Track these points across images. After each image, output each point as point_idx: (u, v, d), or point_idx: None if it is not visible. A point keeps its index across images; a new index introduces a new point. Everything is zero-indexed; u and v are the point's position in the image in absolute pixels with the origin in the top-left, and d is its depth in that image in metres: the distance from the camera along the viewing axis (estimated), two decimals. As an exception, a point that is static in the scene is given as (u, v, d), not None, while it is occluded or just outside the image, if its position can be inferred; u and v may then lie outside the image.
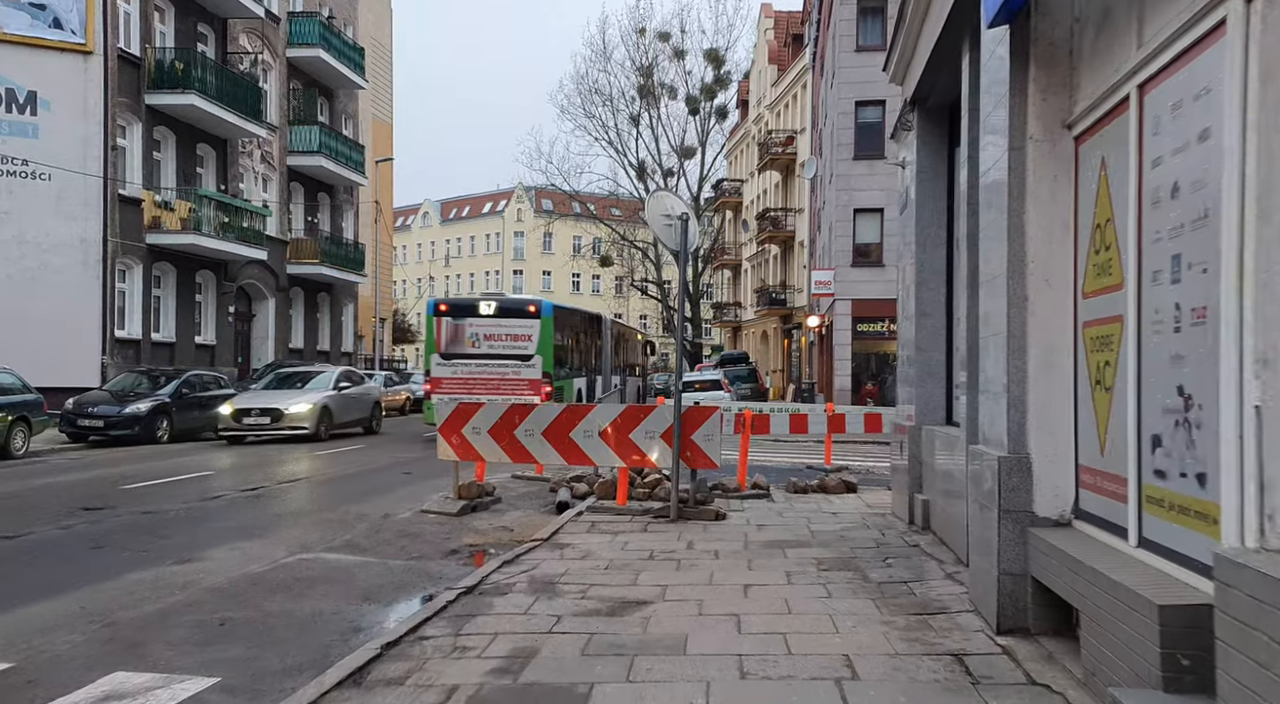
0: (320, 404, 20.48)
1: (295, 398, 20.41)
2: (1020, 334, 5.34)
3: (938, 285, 9.07)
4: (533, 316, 20.46)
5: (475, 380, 19.96)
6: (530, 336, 20.26)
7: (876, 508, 10.68)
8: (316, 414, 20.19)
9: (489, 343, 20.27)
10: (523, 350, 20.22)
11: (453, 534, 9.20)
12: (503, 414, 10.34)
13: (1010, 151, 5.34)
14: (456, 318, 20.42)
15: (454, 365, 20.13)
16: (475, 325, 20.31)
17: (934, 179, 9.09)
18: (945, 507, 7.99)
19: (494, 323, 20.38)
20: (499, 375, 20.10)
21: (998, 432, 5.56)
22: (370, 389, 23.93)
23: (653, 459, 10.00)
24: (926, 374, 9.10)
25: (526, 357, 20.20)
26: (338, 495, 11.62)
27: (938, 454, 8.37)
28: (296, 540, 8.63)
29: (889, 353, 30.09)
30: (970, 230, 6.93)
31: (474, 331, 20.28)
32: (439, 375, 20.12)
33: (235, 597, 6.58)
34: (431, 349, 20.49)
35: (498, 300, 21.11)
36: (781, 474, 14.37)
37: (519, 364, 20.17)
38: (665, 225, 9.76)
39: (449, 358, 20.18)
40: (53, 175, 23.53)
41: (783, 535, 8.76)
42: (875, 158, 28.95)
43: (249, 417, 19.81)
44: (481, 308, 20.63)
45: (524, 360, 20.19)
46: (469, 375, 20.07)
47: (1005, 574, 5.25)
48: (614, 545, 8.30)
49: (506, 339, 20.27)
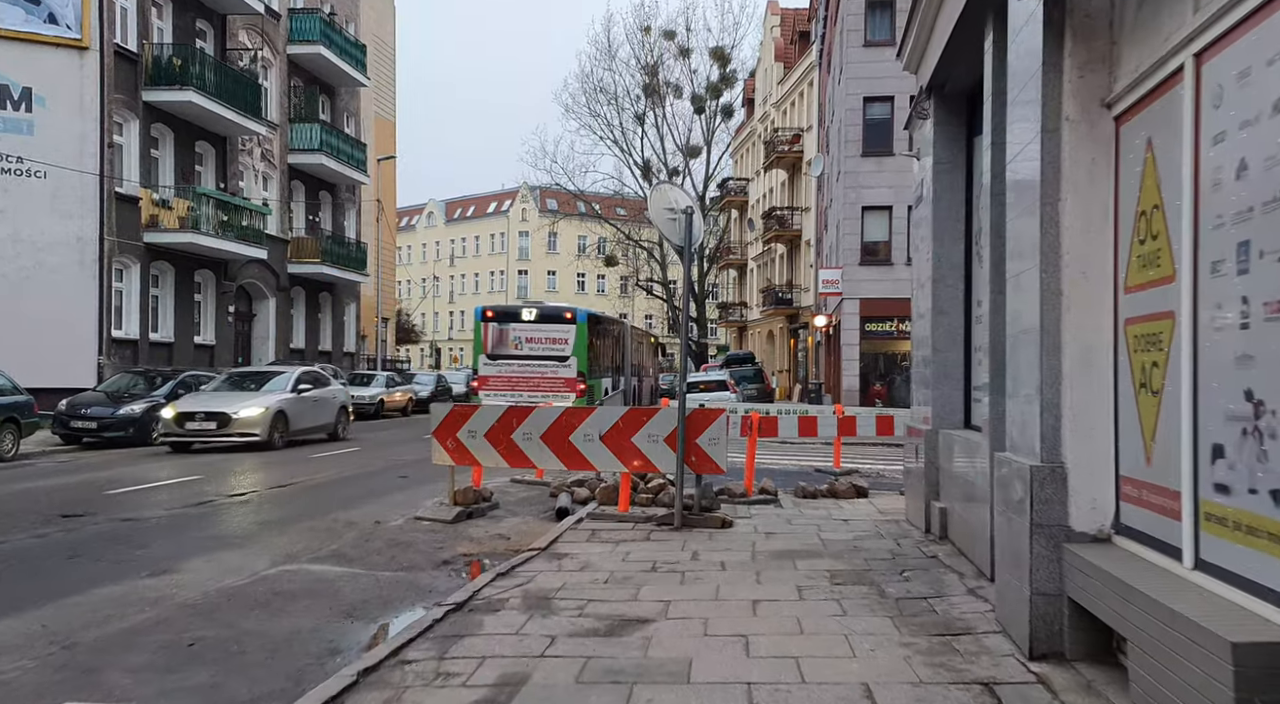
0: (274, 408, 18.54)
1: (246, 401, 18.55)
2: (1054, 332, 4.90)
3: (955, 282, 8.62)
4: (569, 322, 22.88)
5: (518, 378, 22.43)
6: (567, 340, 22.66)
7: (889, 514, 10.24)
8: (269, 419, 18.23)
9: (530, 345, 22.64)
10: (560, 352, 22.59)
11: (446, 543, 8.78)
12: (499, 417, 9.92)
13: (1043, 135, 4.90)
14: (501, 323, 22.82)
15: (499, 365, 22.52)
16: (518, 330, 22.71)
17: (952, 170, 8.65)
18: (965, 515, 7.55)
19: (534, 327, 22.71)
20: (539, 374, 22.44)
21: (1029, 438, 5.12)
22: (335, 391, 21.49)
23: (656, 464, 9.57)
24: (943, 375, 8.65)
25: (563, 358, 22.55)
26: (329, 501, 11.21)
27: (956, 460, 7.93)
28: (281, 550, 8.21)
29: (898, 353, 29.64)
30: (995, 222, 6.49)
31: (517, 335, 22.68)
32: (486, 374, 22.53)
33: (208, 613, 6.16)
34: (479, 351, 22.71)
35: (538, 307, 23.65)
36: (789, 478, 13.93)
37: (556, 364, 22.53)
38: (669, 219, 9.33)
39: (494, 358, 22.56)
40: (48, 173, 23.17)
41: (792, 545, 8.33)
42: (884, 155, 28.49)
43: (193, 421, 17.84)
44: (523, 314, 23.13)
45: (561, 361, 22.51)
46: (512, 374, 22.47)
47: (1038, 594, 4.81)
48: (615, 556, 7.87)
49: (545, 342, 22.64)
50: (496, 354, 22.57)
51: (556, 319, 23.01)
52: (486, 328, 22.81)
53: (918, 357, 9.82)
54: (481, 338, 22.79)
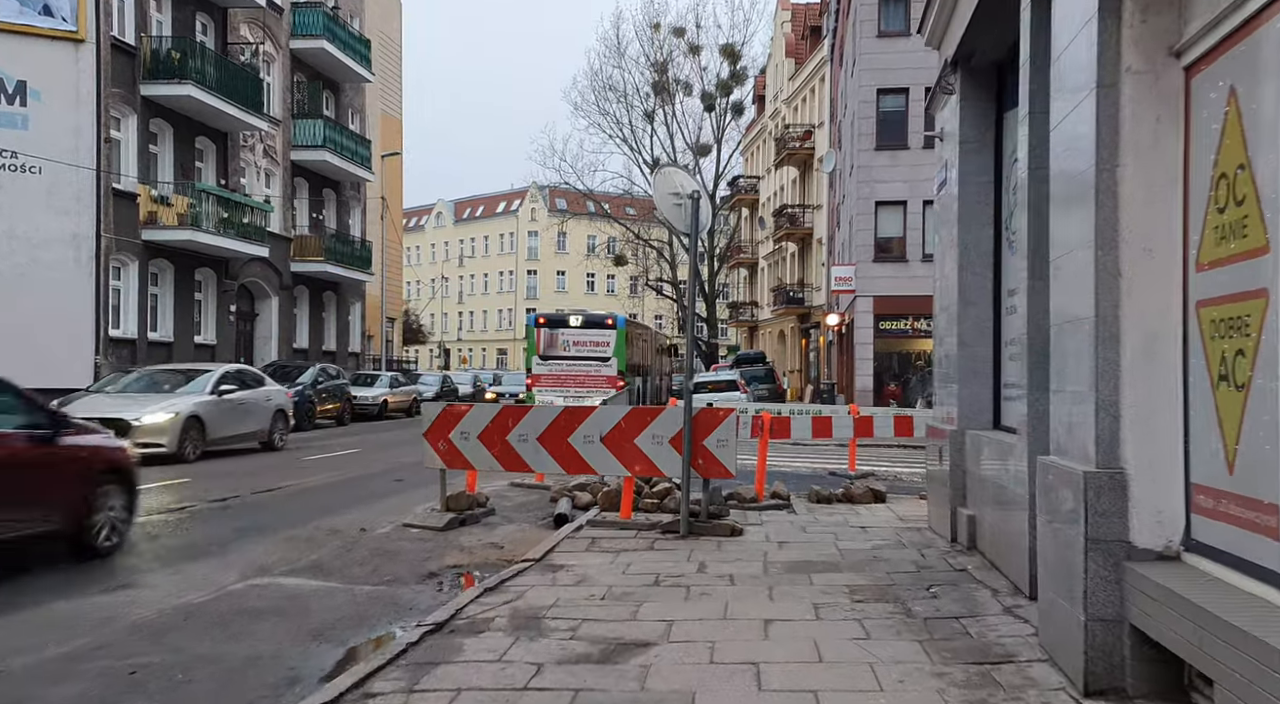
0: (186, 414, 15.56)
1: (152, 405, 15.58)
2: (1110, 320, 4.26)
3: (984, 270, 7.97)
4: (610, 328, 26.15)
5: (566, 376, 25.40)
6: (608, 343, 25.84)
7: (910, 521, 9.60)
8: (178, 427, 15.26)
9: (576, 347, 25.76)
10: (602, 354, 25.70)
11: (434, 553, 8.17)
12: (494, 417, 9.31)
13: (1098, 91, 4.26)
14: (551, 329, 25.98)
15: (549, 365, 25.57)
16: (566, 334, 25.84)
17: (979, 149, 8.00)
18: (996, 524, 6.90)
19: (580, 332, 25.87)
20: (584, 372, 25.37)
21: (1079, 441, 4.48)
22: (270, 394, 18.33)
23: (660, 468, 8.94)
24: (970, 372, 8.00)
25: (605, 359, 25.63)
26: (315, 506, 10.60)
27: (986, 464, 7.29)
28: (254, 561, 7.60)
29: (912, 352, 28.96)
30: (1033, 200, 5.84)
31: (565, 339, 25.78)
32: (539, 372, 25.55)
33: (160, 636, 5.55)
34: (532, 352, 26.03)
35: (583, 315, 27.36)
36: (802, 481, 13.30)
37: (599, 364, 25.50)
38: (674, 205, 8.71)
39: (546, 359, 25.64)
40: (43, 168, 22.63)
41: (807, 555, 7.69)
42: (898, 148, 27.81)
43: None
44: (571, 321, 26.47)
45: (603, 361, 25.56)
46: (561, 372, 25.46)
47: (1095, 620, 4.17)
48: (615, 567, 7.25)
49: (589, 345, 25.78)
50: (547, 355, 25.63)
51: (599, 324, 26.23)
52: (539, 333, 25.87)
53: (940, 353, 9.17)
54: (534, 341, 25.82)
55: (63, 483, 7.54)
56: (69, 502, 7.50)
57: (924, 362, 29.09)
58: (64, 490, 7.52)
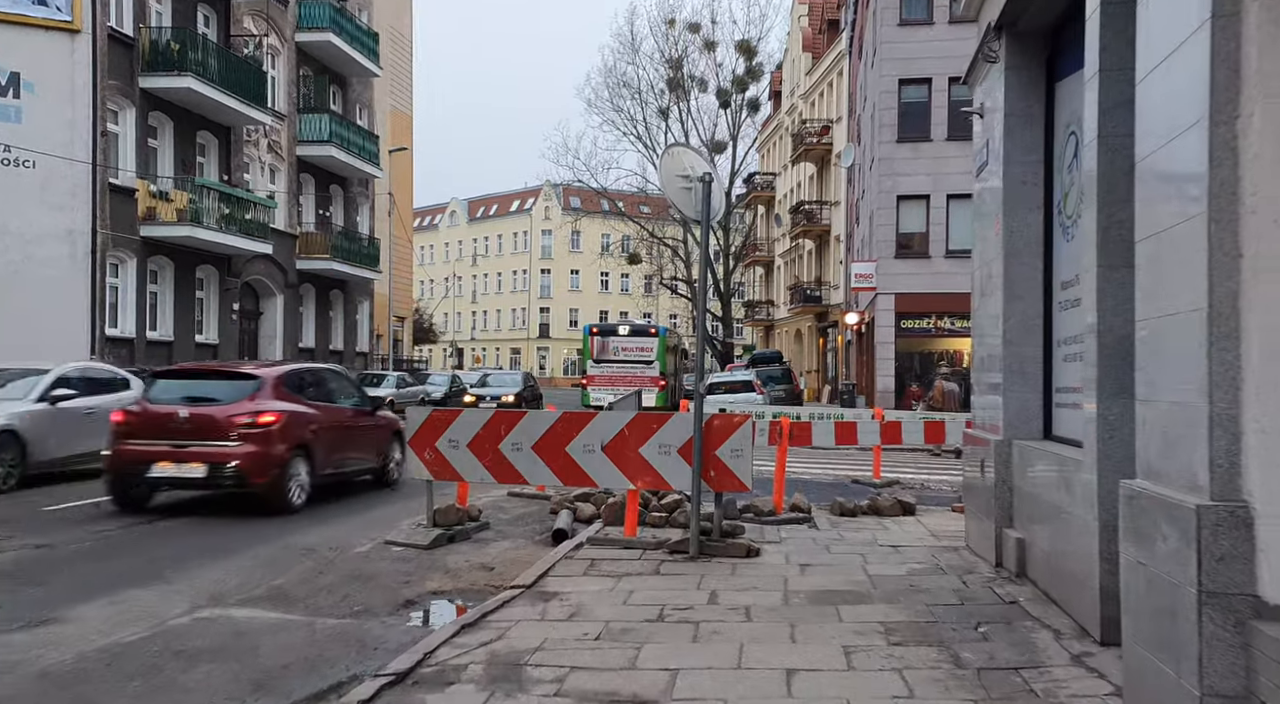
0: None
1: None
2: (1228, 311, 3.37)
3: (1032, 260, 7.06)
4: (652, 336, 32.04)
5: (616, 376, 30.39)
6: (651, 348, 31.52)
7: (945, 538, 8.69)
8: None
9: (624, 352, 31.37)
10: (646, 358, 31.29)
11: (415, 576, 7.32)
12: (485, 423, 8.44)
13: (1214, 23, 3.37)
14: (604, 336, 31.93)
15: (602, 367, 31.22)
16: (615, 341, 31.74)
17: (1027, 123, 7.08)
18: (1054, 551, 5.99)
19: (628, 339, 31.85)
20: (631, 374, 30.52)
21: (1184, 464, 3.58)
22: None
23: (669, 480, 8.06)
24: (1017, 374, 7.09)
25: (649, 362, 31.21)
26: (293, 519, 9.72)
27: (1038, 480, 6.38)
28: (208, 587, 6.74)
29: (935, 352, 27.98)
30: (1104, 171, 4.94)
31: (615, 345, 31.62)
32: (593, 373, 31.25)
33: (69, 686, 4.71)
34: (588, 356, 31.68)
35: (630, 325, 34.02)
36: (823, 490, 12.42)
37: (644, 366, 31.00)
38: (682, 188, 7.82)
39: (599, 362, 31.31)
40: (37, 162, 21.90)
41: (834, 581, 6.80)
42: (920, 140, 26.82)
43: None
44: (620, 330, 32.68)
45: (647, 364, 31.12)
46: (612, 373, 30.79)
47: (1213, 696, 3.26)
48: (614, 596, 6.38)
49: (636, 350, 31.44)
50: (600, 359, 31.20)
51: (644, 333, 32.29)
52: (593, 340, 31.57)
53: (981, 353, 8.25)
54: (589, 347, 31.54)
55: (378, 439, 12.37)
56: (380, 451, 12.37)
57: (944, 362, 28.11)
58: (378, 444, 12.35)
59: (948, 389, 23.26)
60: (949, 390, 23.24)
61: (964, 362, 28.16)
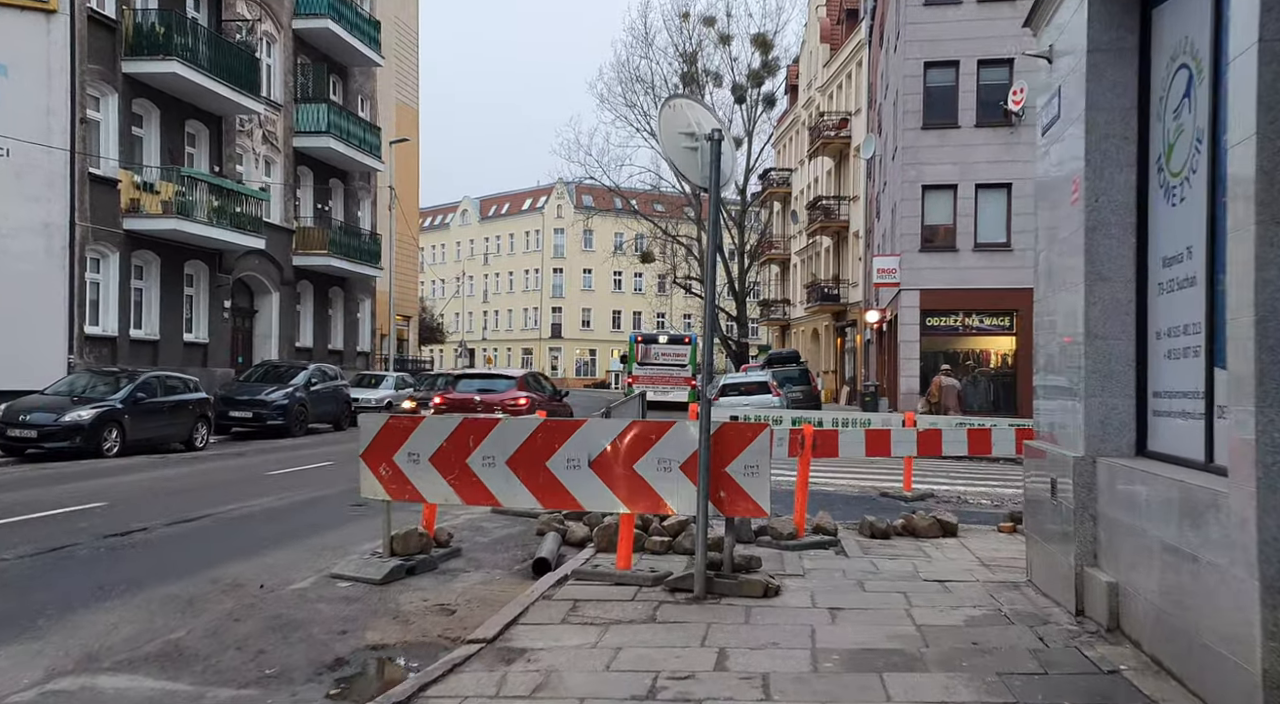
0: None
1: None
2: None
3: (1123, 232, 5.63)
4: (686, 343, 37.59)
5: (656, 377, 35.54)
6: (685, 354, 36.81)
7: (1000, 570, 7.26)
8: None
9: (663, 357, 36.81)
10: (681, 361, 36.51)
11: (356, 622, 5.94)
12: (450, 434, 7.05)
13: None
14: (646, 344, 37.42)
15: (645, 368, 36.28)
16: (655, 348, 37.26)
17: (1117, 59, 5.65)
18: (1171, 608, 4.56)
19: (666, 346, 37.58)
20: (668, 375, 35.89)
21: None
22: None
23: (669, 503, 6.66)
24: (1103, 375, 5.66)
25: (682, 365, 36.29)
26: (229, 544, 8.32)
27: (1142, 510, 4.95)
28: (86, 642, 5.36)
29: (961, 351, 26.45)
30: (1264, 87, 3.52)
31: (655, 351, 37.09)
32: (638, 374, 36.14)
33: None
34: (633, 360, 37.19)
35: (668, 334, 40.64)
36: (848, 505, 11.03)
37: (679, 369, 36.08)
38: (686, 148, 6.42)
39: (642, 365, 36.54)
40: (11, 150, 20.64)
41: (873, 636, 5.38)
42: (947, 126, 25.28)
43: None
44: (660, 338, 38.70)
45: (681, 367, 36.21)
46: (652, 375, 35.78)
47: None
48: (596, 658, 4.99)
49: (673, 355, 36.85)
50: (644, 362, 36.61)
51: (679, 341, 38.14)
52: (638, 347, 37.33)
53: (1045, 350, 6.82)
54: (634, 352, 37.26)
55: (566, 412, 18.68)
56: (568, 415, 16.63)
57: (973, 362, 26.59)
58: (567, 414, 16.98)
59: (946, 385, 21.55)
60: (948, 386, 21.53)
61: (990, 362, 26.65)
